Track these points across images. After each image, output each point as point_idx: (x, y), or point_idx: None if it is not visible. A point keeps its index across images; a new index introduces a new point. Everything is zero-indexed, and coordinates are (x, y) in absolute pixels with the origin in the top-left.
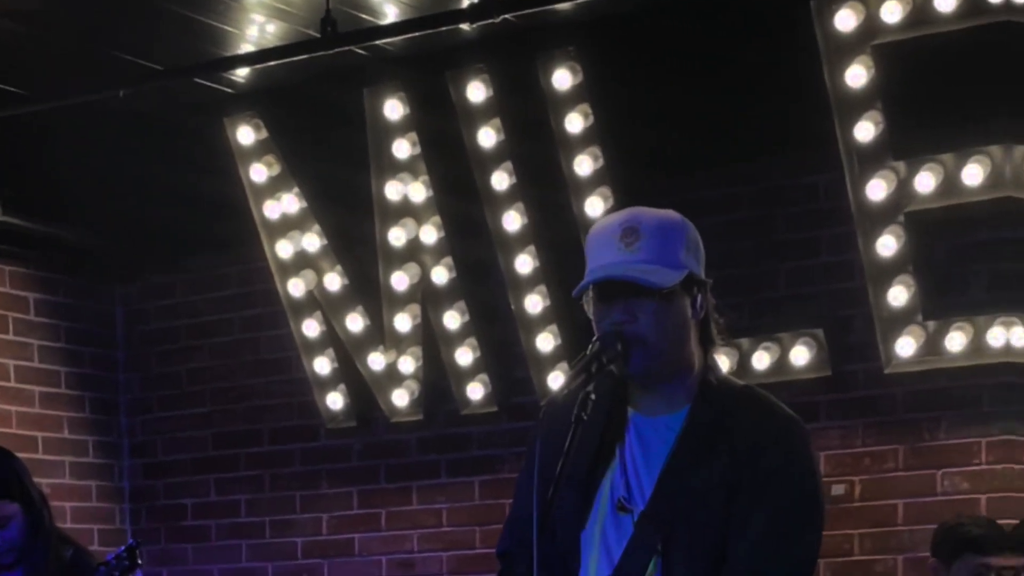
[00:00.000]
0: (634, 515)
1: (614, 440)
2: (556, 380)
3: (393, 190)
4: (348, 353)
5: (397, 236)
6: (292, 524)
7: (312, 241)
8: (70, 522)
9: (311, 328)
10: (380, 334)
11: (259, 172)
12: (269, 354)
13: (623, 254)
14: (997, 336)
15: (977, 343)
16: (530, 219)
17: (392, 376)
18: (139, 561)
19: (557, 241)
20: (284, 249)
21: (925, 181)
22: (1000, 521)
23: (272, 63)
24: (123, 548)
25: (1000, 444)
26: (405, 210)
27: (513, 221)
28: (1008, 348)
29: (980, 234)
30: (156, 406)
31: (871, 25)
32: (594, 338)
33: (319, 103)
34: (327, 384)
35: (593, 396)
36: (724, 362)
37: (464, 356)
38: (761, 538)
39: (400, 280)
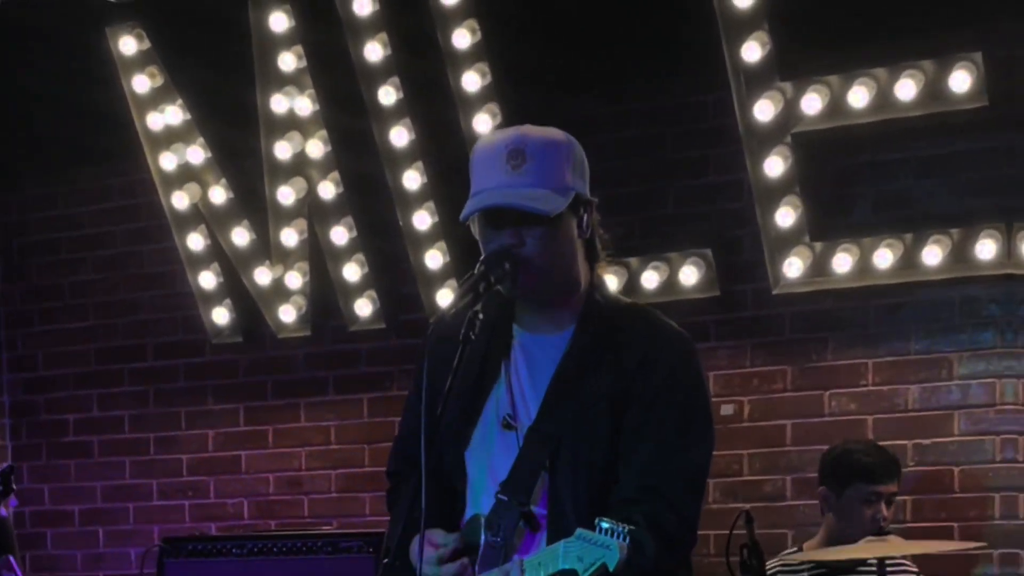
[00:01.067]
0: (519, 432)
1: (500, 358)
2: (445, 297)
3: (279, 103)
4: (234, 267)
5: (283, 150)
6: (177, 441)
7: (196, 153)
8: None
9: (196, 242)
10: (266, 248)
11: (142, 83)
12: (153, 268)
13: (510, 177)
14: (883, 257)
15: (863, 264)
16: (417, 135)
17: (279, 291)
18: (13, 487)
19: (445, 157)
20: (168, 161)
21: (812, 102)
22: (884, 443)
23: None
24: None
25: (886, 365)
26: (291, 123)
27: (400, 136)
28: (893, 270)
29: (865, 155)
30: (37, 319)
31: None
32: (481, 257)
33: (203, 14)
34: (212, 299)
35: (481, 316)
36: (613, 282)
37: (352, 272)
38: (651, 453)
39: (286, 194)
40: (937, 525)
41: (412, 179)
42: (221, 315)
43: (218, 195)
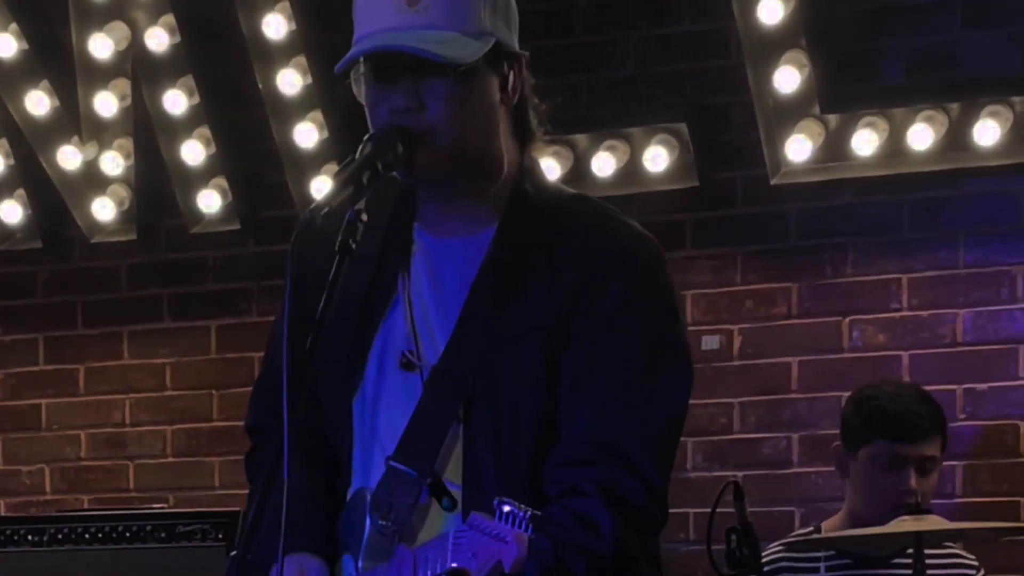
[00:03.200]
0: (423, 373)
1: (396, 271)
2: (321, 187)
3: None
4: (29, 145)
5: None
6: None
7: None
8: None
9: None
10: (74, 120)
11: None
12: None
13: (404, 15)
14: (920, 135)
15: (894, 144)
16: None
17: (92, 179)
18: None
19: None
20: None
21: None
22: (929, 387)
23: None
24: None
25: (927, 282)
26: None
27: None
28: (934, 152)
29: None
30: None
31: None
32: (367, 135)
33: None
34: None
35: (365, 216)
36: (554, 168)
37: (193, 152)
38: (604, 400)
39: (102, 45)
40: (997, 500)
41: (275, 24)
42: (11, 211)
43: (7, 46)
